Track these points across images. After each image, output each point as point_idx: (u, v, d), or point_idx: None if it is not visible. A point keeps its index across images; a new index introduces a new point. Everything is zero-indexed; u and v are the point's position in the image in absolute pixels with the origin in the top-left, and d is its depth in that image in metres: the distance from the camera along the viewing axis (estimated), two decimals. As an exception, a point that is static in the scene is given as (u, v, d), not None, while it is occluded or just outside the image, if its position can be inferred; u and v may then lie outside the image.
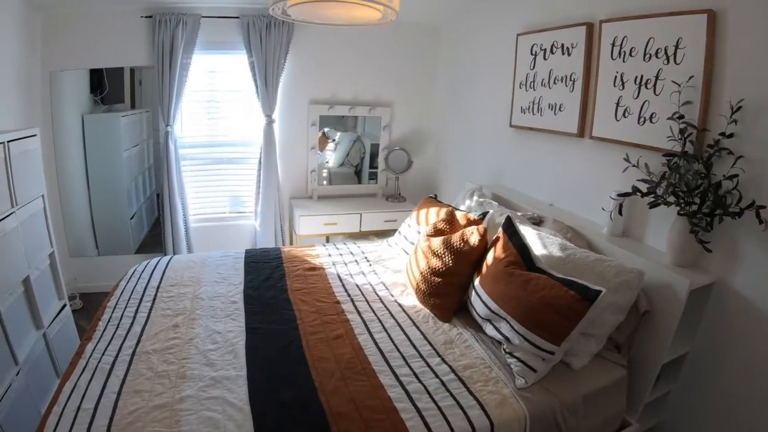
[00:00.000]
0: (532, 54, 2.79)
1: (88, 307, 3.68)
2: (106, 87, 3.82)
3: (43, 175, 2.76)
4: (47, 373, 2.65)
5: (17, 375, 2.26)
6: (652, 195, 1.89)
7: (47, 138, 3.46)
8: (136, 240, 4.13)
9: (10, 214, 2.34)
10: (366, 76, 3.97)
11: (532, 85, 2.82)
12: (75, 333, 3.06)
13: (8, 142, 2.32)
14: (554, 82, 2.64)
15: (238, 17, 3.54)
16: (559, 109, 2.61)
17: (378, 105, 4.03)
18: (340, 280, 2.54)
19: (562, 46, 2.56)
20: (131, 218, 4.06)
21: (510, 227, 2.09)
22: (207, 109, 3.93)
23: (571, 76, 2.51)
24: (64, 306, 2.93)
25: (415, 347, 1.91)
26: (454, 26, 3.83)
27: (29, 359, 2.42)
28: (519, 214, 2.50)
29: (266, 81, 3.63)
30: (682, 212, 1.83)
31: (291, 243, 4.08)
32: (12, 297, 2.36)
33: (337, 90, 3.96)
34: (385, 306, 2.25)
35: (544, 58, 2.70)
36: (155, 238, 4.14)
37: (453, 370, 1.76)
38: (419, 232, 2.66)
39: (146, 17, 3.43)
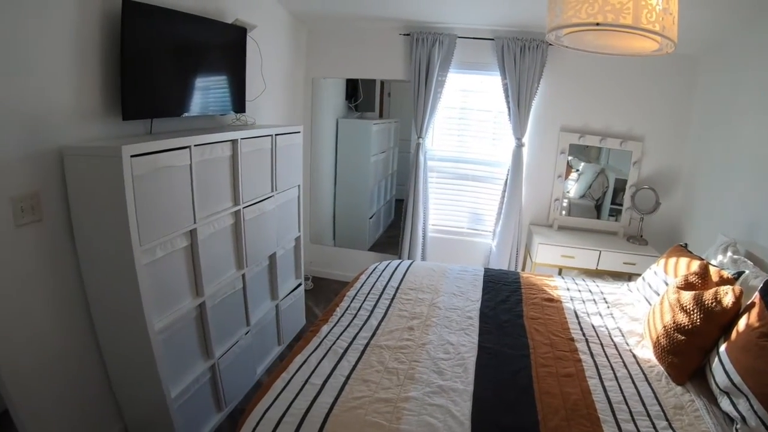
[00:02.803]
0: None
1: (317, 290, 4.07)
2: (361, 96, 4.22)
3: (302, 168, 3.12)
4: (270, 340, 2.98)
5: (246, 334, 2.59)
6: None
7: (306, 136, 3.92)
8: (371, 238, 4.44)
9: (270, 197, 2.71)
10: (618, 107, 3.64)
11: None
12: (303, 310, 3.40)
13: (276, 135, 2.70)
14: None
15: (492, 39, 3.56)
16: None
17: (629, 138, 3.65)
18: (577, 317, 2.38)
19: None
20: (370, 218, 4.39)
21: (769, 294, 1.76)
22: (458, 125, 4.02)
23: None
24: (299, 285, 3.27)
25: (643, 404, 1.71)
26: (715, 57, 3.27)
27: (259, 323, 2.75)
28: (776, 279, 2.06)
29: (519, 104, 3.56)
30: None
31: (524, 268, 3.93)
32: (258, 268, 2.72)
33: (589, 119, 3.70)
34: (619, 353, 2.06)
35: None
36: (389, 239, 4.41)
37: (678, 439, 1.55)
38: (666, 282, 2.37)
39: (404, 35, 3.68)
